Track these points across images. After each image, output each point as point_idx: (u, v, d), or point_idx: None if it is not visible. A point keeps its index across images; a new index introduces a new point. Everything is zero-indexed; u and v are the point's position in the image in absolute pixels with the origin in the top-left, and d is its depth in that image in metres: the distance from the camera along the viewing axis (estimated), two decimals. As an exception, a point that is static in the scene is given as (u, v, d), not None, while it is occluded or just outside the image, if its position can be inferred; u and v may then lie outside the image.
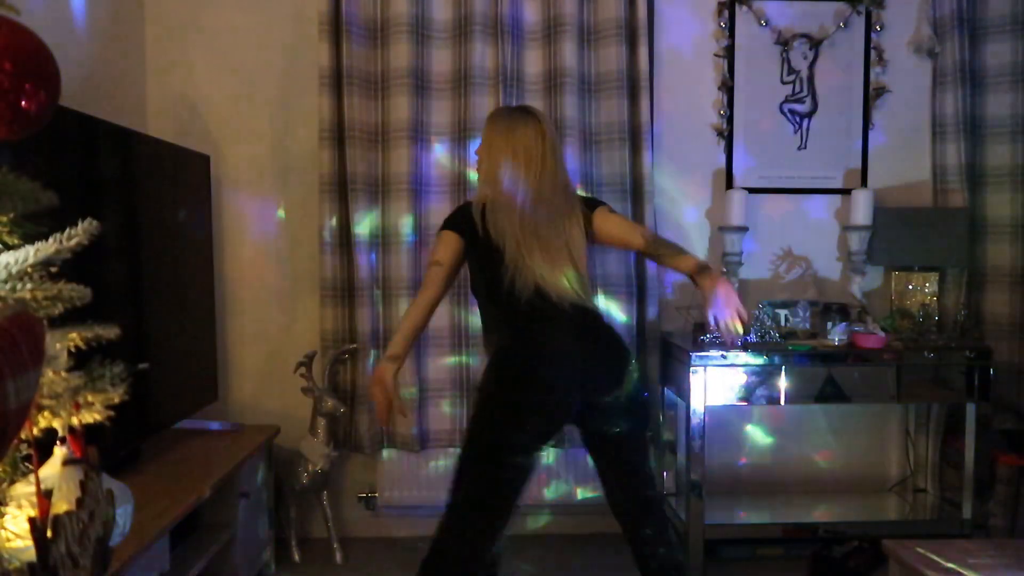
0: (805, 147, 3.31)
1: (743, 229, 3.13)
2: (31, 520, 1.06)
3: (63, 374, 1.17)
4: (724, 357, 2.85)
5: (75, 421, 1.17)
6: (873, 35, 3.27)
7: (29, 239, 1.11)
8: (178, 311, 2.66)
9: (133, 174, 2.37)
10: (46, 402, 1.13)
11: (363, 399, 3.07)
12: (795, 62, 3.28)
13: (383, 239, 3.08)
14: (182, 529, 2.25)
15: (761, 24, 3.24)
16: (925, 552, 2.16)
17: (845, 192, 3.29)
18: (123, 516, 1.40)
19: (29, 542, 1.08)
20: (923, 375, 2.95)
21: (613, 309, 3.11)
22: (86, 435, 1.20)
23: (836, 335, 2.94)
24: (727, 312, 2.03)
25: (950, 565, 2.08)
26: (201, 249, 2.87)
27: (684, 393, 2.91)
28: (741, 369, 2.87)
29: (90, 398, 1.17)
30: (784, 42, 3.26)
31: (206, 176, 2.90)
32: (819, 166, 3.31)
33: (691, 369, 2.84)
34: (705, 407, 2.87)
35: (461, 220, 2.18)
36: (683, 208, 3.31)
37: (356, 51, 3.00)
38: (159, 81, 3.09)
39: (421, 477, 3.17)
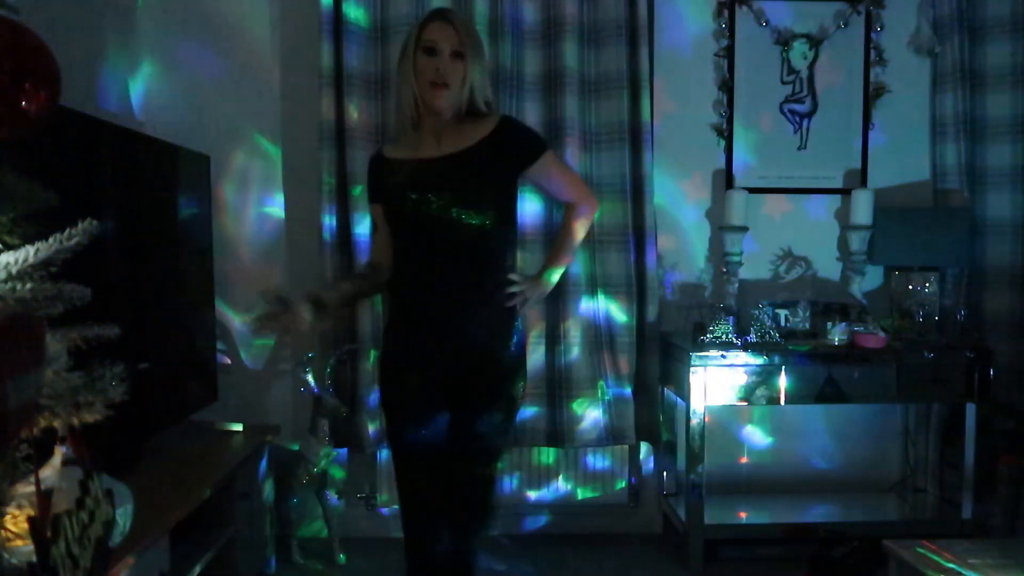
0: (805, 147, 3.30)
1: (743, 229, 3.13)
2: (31, 520, 1.06)
3: (63, 374, 1.17)
4: (724, 357, 2.86)
5: (75, 421, 1.17)
6: (873, 35, 3.27)
7: (29, 239, 1.11)
8: (178, 311, 2.66)
9: (133, 174, 2.37)
10: (46, 402, 1.13)
11: (363, 399, 3.07)
12: (795, 62, 3.28)
13: (383, 239, 3.08)
14: (182, 529, 2.25)
15: (761, 24, 3.24)
16: (925, 552, 2.16)
17: (845, 192, 3.29)
18: (123, 516, 1.40)
19: (29, 542, 1.08)
20: (923, 375, 2.95)
21: (613, 309, 3.11)
22: (86, 435, 1.20)
23: (836, 335, 2.94)
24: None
25: (950, 565, 2.08)
26: (201, 249, 2.87)
27: (684, 393, 2.91)
28: (741, 369, 2.87)
29: (90, 398, 1.16)
30: (784, 42, 3.26)
31: (206, 176, 2.90)
32: (819, 166, 3.31)
33: (691, 369, 2.84)
34: (705, 407, 2.87)
35: None
36: (683, 208, 3.31)
37: (356, 51, 3.00)
38: (159, 81, 3.09)
39: (421, 477, 3.16)
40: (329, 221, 3.03)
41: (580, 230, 2.10)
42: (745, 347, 2.89)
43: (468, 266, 1.93)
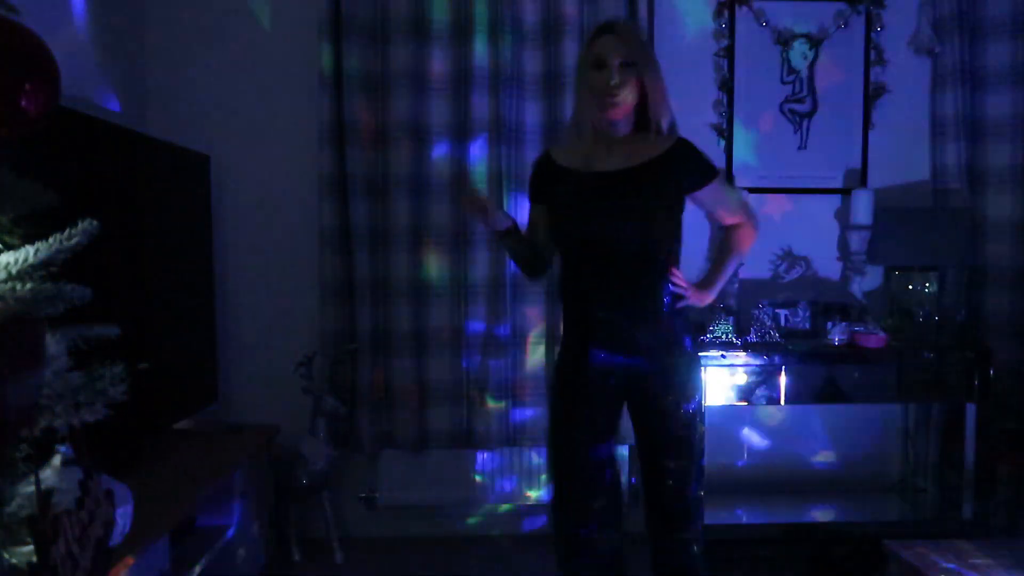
0: (805, 147, 3.31)
1: (743, 229, 3.12)
2: (31, 520, 1.06)
3: (63, 374, 1.17)
4: (724, 357, 2.86)
5: (75, 421, 1.17)
6: (873, 35, 3.27)
7: (29, 239, 1.11)
8: (178, 311, 2.66)
9: (133, 174, 2.37)
10: (46, 402, 1.13)
11: (363, 399, 3.08)
12: (795, 62, 3.28)
13: (383, 239, 3.08)
14: (182, 529, 2.25)
15: (761, 24, 3.24)
16: (925, 552, 2.16)
17: (845, 192, 3.29)
18: (123, 516, 1.39)
19: (29, 542, 1.08)
20: (923, 375, 2.95)
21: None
22: (86, 435, 1.20)
23: (836, 335, 2.94)
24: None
25: (950, 565, 2.08)
26: (201, 249, 2.87)
27: (684, 393, 2.91)
28: (741, 369, 2.87)
29: (90, 398, 1.16)
30: (784, 42, 3.26)
31: (206, 176, 2.90)
32: (819, 166, 3.31)
33: (691, 369, 2.84)
34: (705, 407, 2.87)
35: None
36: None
37: (356, 51, 3.00)
38: (159, 81, 3.09)
39: (421, 477, 3.17)
40: (329, 221, 3.03)
41: (740, 252, 2.19)
42: (745, 347, 2.89)
43: (632, 278, 1.96)
